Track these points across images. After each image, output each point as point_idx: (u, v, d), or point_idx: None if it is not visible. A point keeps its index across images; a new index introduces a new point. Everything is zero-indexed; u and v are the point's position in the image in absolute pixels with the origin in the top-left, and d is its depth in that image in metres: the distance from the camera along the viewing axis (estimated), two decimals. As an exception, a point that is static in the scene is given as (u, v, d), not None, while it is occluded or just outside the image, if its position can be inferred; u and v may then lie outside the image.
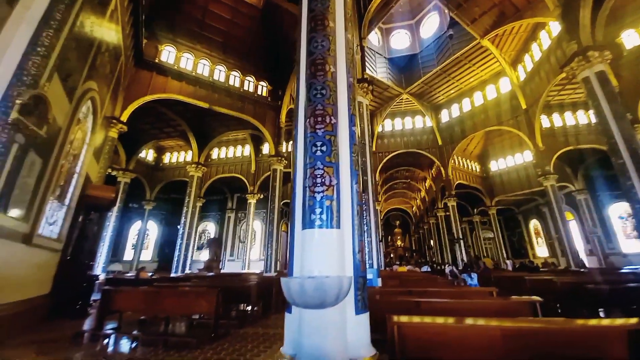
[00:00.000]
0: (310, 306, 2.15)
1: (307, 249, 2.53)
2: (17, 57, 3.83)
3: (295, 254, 2.71)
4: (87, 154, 6.49)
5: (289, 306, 2.62)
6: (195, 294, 5.24)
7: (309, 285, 2.11)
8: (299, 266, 2.57)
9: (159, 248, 21.53)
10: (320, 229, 2.53)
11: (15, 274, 4.41)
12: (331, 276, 2.24)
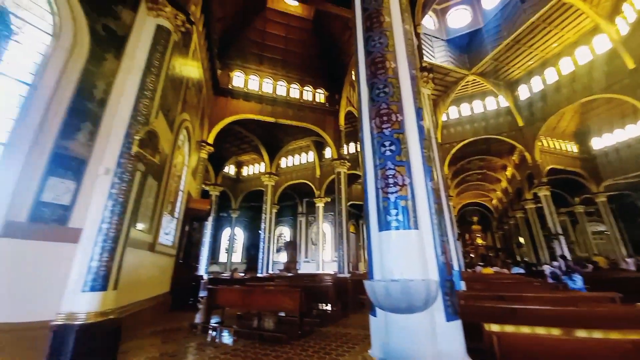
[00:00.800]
0: (398, 310, 2.12)
1: (385, 251, 2.49)
2: (131, 102, 4.67)
3: (374, 256, 2.70)
4: (187, 174, 7.87)
5: (373, 309, 2.62)
6: (280, 292, 5.71)
7: (394, 289, 2.08)
8: (379, 268, 2.56)
9: (245, 250, 24.31)
10: (397, 230, 2.47)
11: (146, 275, 5.58)
12: (416, 279, 2.16)
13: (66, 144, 3.84)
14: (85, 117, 4.09)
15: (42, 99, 3.68)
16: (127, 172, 4.33)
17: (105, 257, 3.91)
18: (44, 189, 3.57)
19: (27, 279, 3.40)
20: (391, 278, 2.30)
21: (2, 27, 3.51)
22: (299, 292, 5.21)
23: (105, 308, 3.85)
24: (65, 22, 4.05)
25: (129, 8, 4.95)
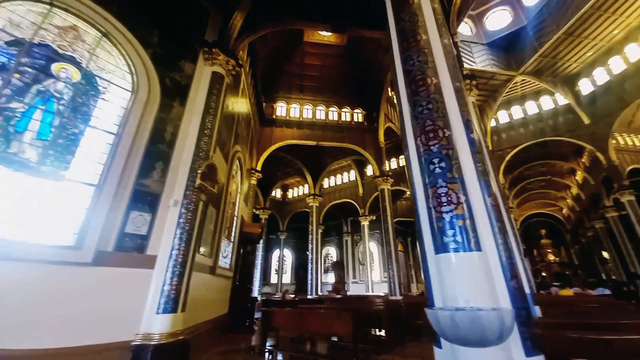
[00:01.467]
0: (467, 343, 1.93)
1: (445, 275, 2.34)
2: (194, 141, 5.31)
3: (432, 281, 2.55)
4: (240, 200, 8.49)
5: (437, 340, 2.44)
6: (331, 316, 5.61)
7: (461, 319, 1.91)
8: (439, 294, 2.40)
9: (294, 271, 24.62)
10: (457, 252, 2.32)
11: (208, 298, 5.98)
12: (485, 308, 1.98)
13: (144, 181, 4.47)
14: (158, 158, 4.74)
15: (124, 146, 4.38)
16: (192, 203, 4.84)
17: (175, 281, 4.33)
18: (127, 222, 4.16)
19: (112, 303, 3.85)
20: (455, 306, 2.13)
21: (91, 88, 4.34)
22: (351, 316, 5.06)
23: (175, 329, 4.20)
24: (141, 79, 4.86)
25: (189, 61, 5.77)
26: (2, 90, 3.44)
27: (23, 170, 3.43)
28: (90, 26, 4.43)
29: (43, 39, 3.93)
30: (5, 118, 3.41)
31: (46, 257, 3.39)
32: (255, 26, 6.99)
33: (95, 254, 3.73)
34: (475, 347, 1.95)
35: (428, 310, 2.17)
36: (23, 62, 3.68)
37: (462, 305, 2.12)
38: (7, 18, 3.64)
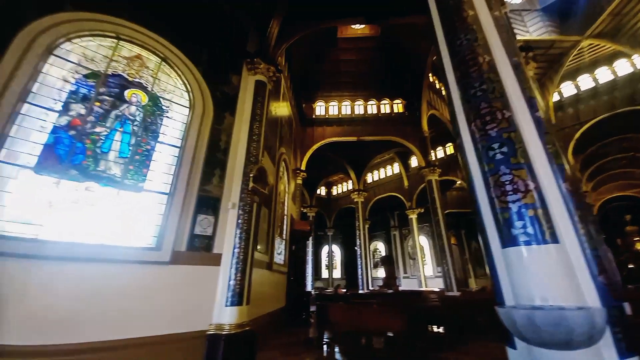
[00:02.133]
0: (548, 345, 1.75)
1: (515, 271, 2.16)
2: (244, 147, 5.66)
3: (500, 277, 2.37)
4: (288, 200, 8.87)
5: (511, 339, 2.27)
6: (385, 311, 5.57)
7: (542, 319, 1.74)
8: (509, 292, 2.22)
9: (344, 267, 24.83)
10: (529, 245, 2.12)
11: (267, 292, 6.37)
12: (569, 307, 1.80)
13: (206, 187, 4.93)
14: (216, 165, 5.18)
15: (188, 156, 4.87)
16: (247, 205, 5.20)
17: (239, 277, 4.71)
18: (195, 224, 4.64)
19: (187, 297, 4.33)
20: (531, 304, 1.96)
21: (157, 108, 4.90)
22: (405, 312, 4.96)
23: (242, 320, 4.57)
24: (196, 95, 5.34)
25: (235, 73, 6.17)
26: (87, 117, 4.09)
27: (110, 185, 4.04)
28: (151, 53, 5.01)
29: (115, 70, 4.56)
30: (92, 141, 4.06)
31: (133, 258, 3.95)
32: (290, 31, 7.17)
33: (172, 254, 4.24)
34: (560, 349, 1.77)
35: (500, 309, 2.02)
36: (101, 91, 4.32)
37: (539, 304, 1.95)
38: (82, 53, 4.28)
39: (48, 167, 3.58)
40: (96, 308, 3.49)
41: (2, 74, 3.41)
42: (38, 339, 3.07)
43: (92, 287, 3.52)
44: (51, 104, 3.78)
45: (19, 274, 3.12)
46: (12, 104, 3.44)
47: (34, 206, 3.42)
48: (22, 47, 3.63)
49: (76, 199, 3.70)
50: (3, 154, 3.32)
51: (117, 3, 4.71)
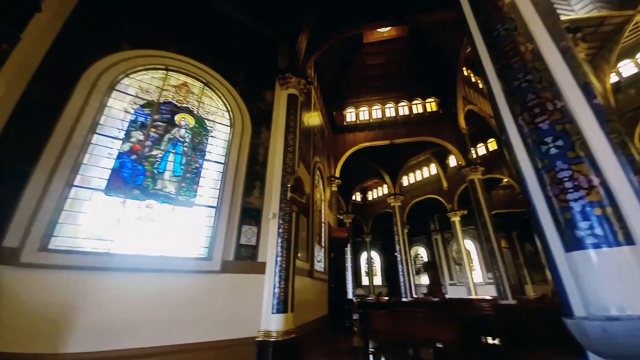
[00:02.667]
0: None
1: (584, 277, 1.94)
2: (281, 158, 5.88)
3: (566, 284, 2.14)
4: (324, 207, 8.97)
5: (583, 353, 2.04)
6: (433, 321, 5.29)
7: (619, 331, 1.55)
8: (577, 300, 1.99)
9: (384, 273, 24.14)
10: (598, 248, 1.90)
11: (310, 299, 6.45)
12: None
13: (248, 199, 5.21)
14: (256, 177, 5.46)
15: (231, 171, 5.21)
16: (286, 214, 5.37)
17: (283, 285, 4.85)
18: (241, 235, 4.90)
19: (237, 304, 4.55)
20: (606, 314, 1.75)
21: (203, 129, 5.32)
22: (456, 322, 4.67)
23: (288, 328, 4.67)
24: (235, 114, 5.72)
25: (269, 89, 6.50)
26: (145, 142, 4.58)
27: (167, 201, 4.46)
28: (195, 80, 5.51)
29: (166, 98, 5.08)
30: (150, 163, 4.53)
31: (188, 268, 4.29)
32: (318, 43, 7.36)
33: (222, 263, 4.52)
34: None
35: (568, 320, 1.84)
36: (156, 118, 4.83)
37: (615, 314, 1.73)
38: (138, 86, 4.85)
39: (115, 188, 4.08)
40: (157, 314, 3.83)
41: (74, 110, 4.00)
42: (108, 344, 3.42)
43: (153, 295, 3.88)
44: (115, 133, 4.33)
45: (93, 285, 3.55)
46: (84, 136, 4.00)
47: (105, 224, 3.91)
48: (88, 85, 4.23)
49: (139, 215, 4.15)
50: (78, 179, 3.86)
51: (164, 38, 5.30)
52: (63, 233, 3.57)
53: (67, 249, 3.54)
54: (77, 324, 3.32)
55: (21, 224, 3.31)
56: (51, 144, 3.69)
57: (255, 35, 7.01)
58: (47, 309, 3.22)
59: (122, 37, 4.80)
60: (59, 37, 4.21)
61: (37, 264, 3.28)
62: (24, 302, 3.14)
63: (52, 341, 3.17)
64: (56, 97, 3.93)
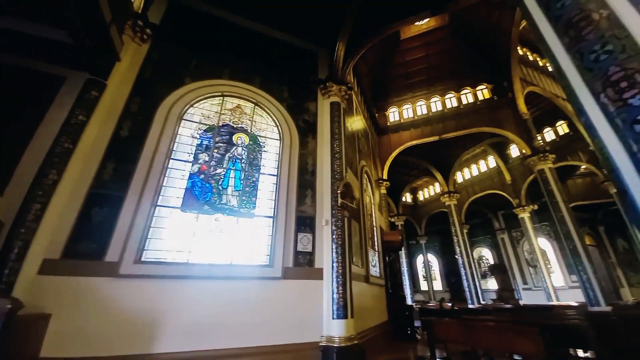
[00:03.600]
0: None
1: None
2: (329, 166, 6.02)
3: None
4: (375, 211, 8.85)
5: None
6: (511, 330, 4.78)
7: None
8: None
9: (445, 278, 22.57)
10: None
11: (368, 305, 6.37)
12: None
13: (301, 208, 5.42)
14: (307, 186, 5.67)
15: (283, 182, 5.49)
16: (338, 220, 5.44)
17: (341, 290, 4.89)
18: (297, 242, 5.11)
19: (299, 309, 4.71)
20: None
21: (256, 146, 5.72)
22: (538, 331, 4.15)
23: (350, 334, 4.67)
24: (284, 128, 6.05)
25: (312, 100, 6.75)
26: (210, 162, 5.09)
27: (231, 214, 4.89)
28: (246, 101, 6.01)
29: (224, 121, 5.61)
30: (216, 181, 5.02)
31: (253, 275, 4.60)
32: (355, 48, 7.39)
33: (283, 270, 4.76)
34: None
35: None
36: (217, 140, 5.36)
37: None
38: (200, 114, 5.45)
39: (189, 205, 4.62)
40: (230, 318, 4.17)
41: (153, 141, 4.67)
42: (193, 345, 3.83)
43: (225, 300, 4.25)
44: (186, 156, 4.93)
45: (176, 292, 4.03)
46: (162, 162, 4.63)
47: (183, 237, 4.43)
48: (162, 118, 4.91)
49: (210, 228, 4.62)
50: (160, 199, 4.45)
51: (218, 69, 5.95)
52: (151, 247, 4.15)
53: (154, 260, 4.10)
54: (166, 326, 3.81)
55: (119, 240, 3.94)
56: (138, 171, 4.37)
57: (295, 50, 7.37)
58: (143, 314, 3.76)
59: (185, 73, 5.52)
60: (137, 80, 4.99)
61: (132, 275, 3.86)
62: (124, 309, 3.71)
63: (147, 343, 3.68)
64: (138, 132, 4.65)
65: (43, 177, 3.60)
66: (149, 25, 5.34)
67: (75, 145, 3.89)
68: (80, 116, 4.01)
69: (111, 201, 4.08)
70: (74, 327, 3.43)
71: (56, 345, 3.30)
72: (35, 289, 3.38)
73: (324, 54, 7.59)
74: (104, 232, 3.91)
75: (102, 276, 3.72)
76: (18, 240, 3.26)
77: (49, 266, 3.54)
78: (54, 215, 3.64)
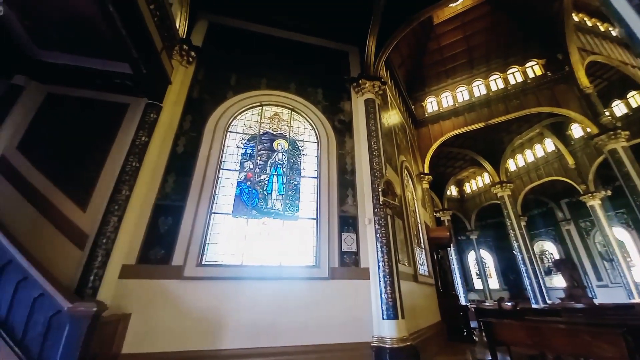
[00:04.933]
0: None
1: None
2: (367, 164, 5.88)
3: None
4: (418, 207, 8.54)
5: None
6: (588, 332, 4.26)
7: None
8: None
9: (502, 275, 20.84)
10: None
11: (418, 305, 6.17)
12: None
13: (343, 208, 5.46)
14: (347, 186, 5.69)
15: (324, 184, 5.58)
16: (382, 218, 5.36)
17: (389, 290, 4.81)
18: (342, 242, 5.16)
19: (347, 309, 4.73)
20: None
21: (296, 150, 5.89)
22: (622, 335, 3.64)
23: (402, 335, 4.56)
24: (320, 130, 6.15)
25: (346, 100, 6.76)
26: (255, 169, 5.38)
27: (277, 217, 5.12)
28: (283, 108, 6.25)
29: (264, 129, 5.89)
30: (261, 187, 5.29)
31: (302, 275, 4.75)
32: (386, 42, 7.19)
33: (329, 270, 4.85)
34: None
35: None
36: (259, 148, 5.64)
37: None
38: (243, 125, 5.78)
39: (239, 211, 4.95)
40: (282, 317, 4.36)
41: (204, 154, 5.10)
42: (248, 342, 4.08)
43: (277, 300, 4.45)
44: (233, 166, 5.29)
45: (233, 292, 4.32)
46: (214, 172, 5.03)
47: (236, 241, 4.75)
48: (211, 132, 5.32)
49: (259, 232, 4.90)
50: (214, 207, 4.83)
51: (257, 80, 6.28)
52: (209, 251, 4.53)
53: (213, 263, 4.47)
54: (229, 324, 4.12)
55: (182, 246, 4.37)
56: (194, 182, 4.81)
57: (326, 53, 7.44)
58: (207, 312, 4.12)
59: (227, 88, 5.93)
60: (186, 99, 5.50)
61: (195, 277, 4.25)
62: (191, 307, 4.10)
63: (212, 339, 4.01)
64: (192, 147, 5.11)
65: (117, 193, 4.14)
66: (193, 48, 5.84)
67: (141, 163, 4.41)
68: (143, 137, 4.54)
69: (174, 211, 4.55)
70: (151, 325, 3.88)
71: (136, 342, 3.75)
72: (117, 292, 3.89)
73: (355, 52, 7.54)
74: (170, 238, 4.37)
75: (171, 278, 4.16)
76: (101, 249, 3.79)
77: (127, 271, 4.06)
78: (129, 226, 4.18)
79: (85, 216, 4.11)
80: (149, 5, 4.22)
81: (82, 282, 3.57)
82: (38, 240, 3.74)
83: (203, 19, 6.63)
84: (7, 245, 3.15)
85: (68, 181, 4.24)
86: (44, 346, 2.85)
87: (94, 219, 4.04)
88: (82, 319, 2.86)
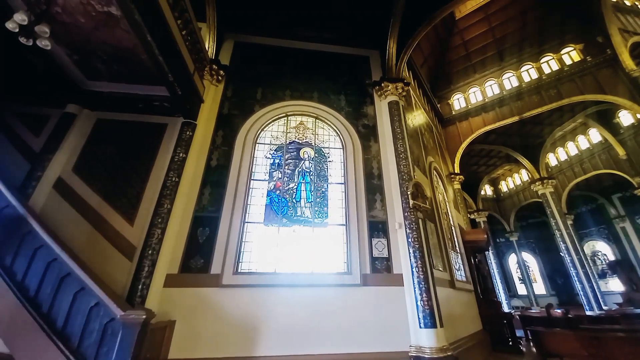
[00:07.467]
0: None
1: None
2: (394, 167, 5.80)
3: None
4: (450, 209, 8.21)
5: None
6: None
7: None
8: None
9: (548, 279, 19.18)
10: None
11: (457, 312, 5.88)
12: None
13: (372, 213, 5.41)
14: (375, 191, 5.64)
15: (351, 189, 5.57)
16: (412, 222, 5.22)
17: (425, 297, 4.64)
18: (372, 248, 5.10)
19: (381, 316, 4.60)
20: None
21: (322, 157, 5.96)
22: None
23: (441, 344, 4.35)
24: (345, 136, 6.18)
25: (369, 104, 6.75)
26: (283, 179, 5.52)
27: (307, 224, 5.20)
28: (308, 117, 6.39)
29: (290, 139, 6.05)
30: (290, 195, 5.41)
31: (334, 282, 4.75)
32: (407, 42, 7.09)
33: (361, 276, 4.80)
34: None
35: None
36: (287, 157, 5.80)
37: None
38: (270, 136, 5.98)
39: (270, 220, 5.10)
40: (316, 325, 4.36)
41: (236, 166, 5.35)
42: (284, 350, 4.11)
43: (311, 307, 4.47)
44: (263, 176, 5.48)
45: (268, 299, 4.42)
46: (245, 183, 5.24)
47: (268, 249, 4.88)
48: (241, 145, 5.58)
49: (290, 239, 5.00)
50: (247, 217, 5.01)
51: (281, 92, 6.50)
52: (244, 259, 4.70)
53: (248, 271, 4.63)
54: (265, 331, 4.21)
55: (220, 254, 4.58)
56: (227, 194, 5.05)
57: (347, 59, 7.51)
58: (245, 318, 4.25)
59: (254, 101, 6.23)
60: (218, 116, 5.84)
61: (232, 285, 4.42)
62: (229, 314, 4.25)
63: (250, 346, 4.11)
64: (224, 160, 5.39)
65: (160, 207, 4.46)
66: (222, 67, 6.21)
67: (180, 178, 4.72)
68: (181, 154, 4.87)
69: (210, 221, 4.80)
70: (193, 331, 4.09)
71: (180, 348, 3.95)
72: (162, 300, 4.15)
73: (375, 55, 7.53)
74: (208, 248, 4.60)
75: (210, 286, 4.37)
76: (147, 259, 4.08)
77: (171, 280, 4.33)
78: (171, 237, 4.47)
79: (133, 229, 4.47)
80: (181, 32, 4.56)
81: (132, 291, 3.86)
82: (92, 253, 4.12)
83: (229, 39, 7.02)
84: (66, 259, 3.48)
85: (117, 197, 4.65)
86: (98, 352, 3.05)
87: (140, 231, 4.38)
88: (133, 325, 3.06)
